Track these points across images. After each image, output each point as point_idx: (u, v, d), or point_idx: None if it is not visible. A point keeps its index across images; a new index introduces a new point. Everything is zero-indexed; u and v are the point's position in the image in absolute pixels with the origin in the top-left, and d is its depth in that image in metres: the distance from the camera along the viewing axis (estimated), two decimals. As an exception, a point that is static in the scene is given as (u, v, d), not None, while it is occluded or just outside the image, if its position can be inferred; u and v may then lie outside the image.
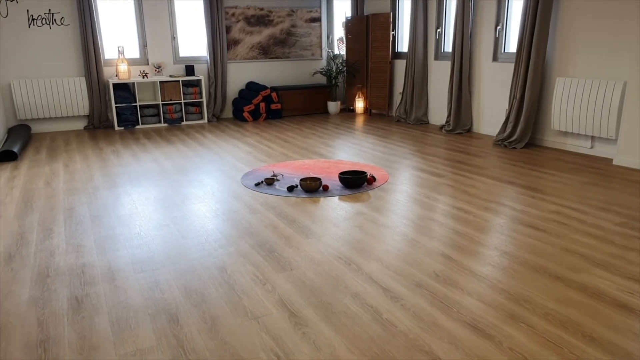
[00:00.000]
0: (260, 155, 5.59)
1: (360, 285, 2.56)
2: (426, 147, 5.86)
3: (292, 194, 4.13)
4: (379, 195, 4.07)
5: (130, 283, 2.63)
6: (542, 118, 5.67)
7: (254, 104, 7.89)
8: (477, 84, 6.47)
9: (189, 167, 5.07)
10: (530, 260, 2.81)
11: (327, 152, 5.68)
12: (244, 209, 3.77)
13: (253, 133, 6.94)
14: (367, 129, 7.14)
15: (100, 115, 7.39)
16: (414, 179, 4.53)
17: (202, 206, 3.85)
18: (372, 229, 3.32)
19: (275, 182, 4.49)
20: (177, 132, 7.06)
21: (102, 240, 3.21)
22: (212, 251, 3.02)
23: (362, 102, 8.52)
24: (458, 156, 5.35)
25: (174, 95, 7.64)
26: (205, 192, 4.23)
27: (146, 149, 5.97)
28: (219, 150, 5.88)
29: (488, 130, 6.45)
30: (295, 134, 6.86)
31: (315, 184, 4.13)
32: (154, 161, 5.36)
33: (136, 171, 4.95)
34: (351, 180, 4.20)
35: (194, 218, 3.60)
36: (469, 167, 4.90)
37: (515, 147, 5.61)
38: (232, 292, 2.52)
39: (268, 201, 3.96)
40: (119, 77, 7.26)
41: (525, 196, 3.96)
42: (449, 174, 4.67)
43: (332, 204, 3.86)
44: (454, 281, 2.59)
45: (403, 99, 7.60)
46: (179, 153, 5.74)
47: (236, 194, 4.17)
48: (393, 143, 6.11)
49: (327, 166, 5.01)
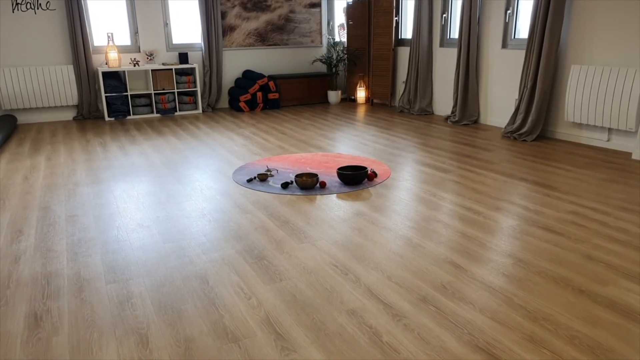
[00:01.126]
0: (255, 148, 5.28)
1: (358, 300, 2.26)
2: (431, 139, 5.53)
3: (286, 191, 3.83)
4: (380, 192, 3.76)
5: (99, 296, 2.34)
6: (554, 109, 5.33)
7: (250, 93, 7.55)
8: (485, 72, 6.12)
9: (178, 162, 4.77)
10: (549, 270, 2.51)
11: (326, 145, 5.36)
12: (233, 209, 3.47)
13: (249, 124, 6.62)
14: (369, 120, 6.81)
15: (89, 105, 7.07)
16: (418, 174, 4.21)
17: (188, 205, 3.55)
18: (372, 232, 3.02)
19: (269, 177, 4.18)
20: (170, 123, 6.75)
21: (74, 245, 2.92)
22: (194, 258, 2.73)
23: (364, 91, 8.17)
24: (465, 149, 5.03)
25: (167, 84, 7.31)
26: (193, 189, 3.93)
27: (135, 141, 5.66)
28: (212, 142, 5.56)
29: (496, 122, 6.11)
30: (293, 125, 6.54)
31: (311, 181, 3.83)
32: (141, 154, 5.06)
33: (122, 165, 4.65)
34: (350, 176, 3.89)
35: (178, 219, 3.30)
36: (477, 161, 4.58)
37: (526, 140, 5.28)
38: (212, 308, 2.23)
39: (260, 199, 3.66)
40: (109, 65, 6.93)
41: (539, 194, 3.64)
42: (455, 169, 4.35)
43: (330, 203, 3.55)
44: (464, 295, 2.29)
45: (406, 89, 7.26)
46: (169, 146, 5.43)
47: (226, 191, 3.86)
48: (396, 135, 5.79)
49: (326, 160, 4.70)
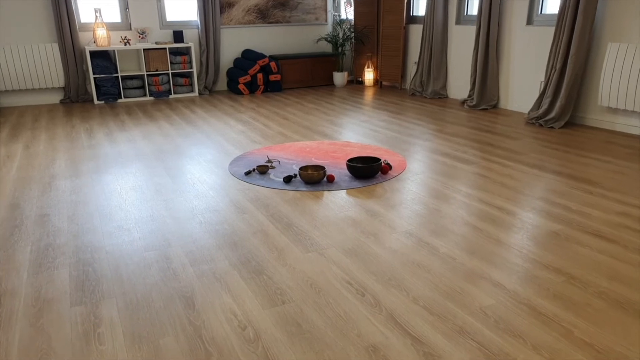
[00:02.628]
0: (254, 135, 4.81)
1: (379, 332, 1.82)
2: (448, 125, 5.05)
3: (289, 185, 3.37)
4: (396, 188, 3.30)
5: (60, 323, 1.90)
6: (586, 92, 4.83)
7: (250, 74, 7.05)
8: (507, 52, 5.60)
9: (170, 151, 4.30)
10: (610, 291, 2.06)
11: (332, 132, 4.89)
12: (228, 208, 3.01)
13: (248, 108, 6.14)
14: (378, 103, 6.31)
15: (77, 87, 6.58)
16: (437, 166, 3.74)
17: (177, 203, 3.10)
18: (390, 239, 2.56)
19: (270, 170, 3.72)
20: (163, 107, 6.26)
21: (40, 253, 2.47)
22: (179, 271, 2.28)
23: (372, 73, 7.65)
24: (486, 137, 4.55)
25: (160, 64, 6.80)
26: (184, 183, 3.47)
27: (124, 127, 5.19)
28: (208, 129, 5.09)
29: (518, 107, 5.61)
30: (296, 109, 6.05)
31: (317, 174, 3.36)
32: (130, 142, 4.59)
33: (107, 155, 4.19)
34: (362, 169, 3.43)
35: (164, 220, 2.84)
36: (502, 151, 4.10)
37: (553, 127, 4.79)
38: (197, 342, 1.78)
39: (259, 196, 3.20)
40: (97, 43, 6.42)
41: (579, 191, 3.18)
42: (479, 159, 3.88)
43: (339, 201, 3.09)
44: (510, 324, 1.84)
45: (419, 70, 6.74)
46: (160, 132, 4.96)
47: (221, 186, 3.41)
48: (409, 121, 5.30)
49: (333, 150, 4.23)
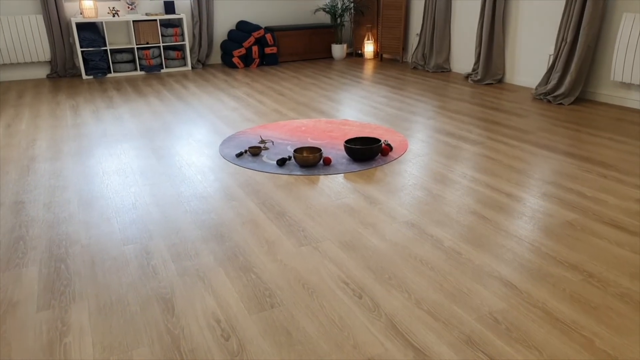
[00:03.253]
0: (247, 112, 4.56)
1: (378, 342, 1.63)
2: (451, 101, 4.80)
3: (283, 169, 3.15)
4: (397, 171, 3.08)
5: (24, 330, 1.71)
6: (598, 66, 4.56)
7: (245, 47, 6.74)
8: (514, 23, 5.30)
9: (158, 130, 4.07)
10: (632, 292, 1.86)
11: (329, 109, 4.64)
12: (216, 194, 2.80)
13: (243, 83, 5.87)
14: (379, 78, 6.04)
15: (64, 61, 6.29)
16: (441, 147, 3.52)
17: (162, 188, 2.88)
18: (390, 230, 2.36)
19: (263, 151, 3.49)
20: (154, 82, 5.99)
21: (9, 247, 2.27)
22: (159, 268, 2.08)
23: (372, 45, 7.34)
24: (492, 115, 4.31)
25: (151, 37, 6.49)
26: (171, 165, 3.25)
27: (112, 104, 4.94)
28: (199, 105, 4.84)
29: (524, 81, 5.35)
30: (293, 84, 5.78)
31: (313, 157, 3.14)
32: (116, 120, 4.35)
33: (91, 134, 3.96)
34: (361, 151, 3.20)
35: (147, 208, 2.64)
36: (509, 129, 3.87)
37: (562, 103, 4.55)
38: (175, 354, 1.60)
39: (250, 180, 2.99)
40: (84, 15, 6.11)
41: (594, 174, 2.96)
42: (485, 139, 3.65)
43: (336, 186, 2.88)
44: (524, 333, 1.65)
45: (421, 42, 6.44)
46: (149, 109, 4.71)
47: (210, 169, 3.19)
48: (410, 97, 5.05)
49: (330, 128, 4.00)
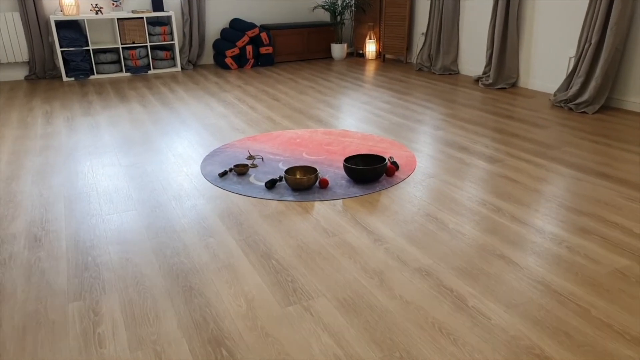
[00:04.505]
0: (237, 120, 4.12)
1: None
2: (462, 109, 4.36)
3: (272, 193, 2.72)
4: (405, 197, 2.65)
5: None
6: (625, 71, 4.12)
7: (238, 47, 6.30)
8: (529, 21, 4.85)
9: (135, 141, 3.63)
10: None
11: (328, 117, 4.20)
12: (191, 227, 2.37)
13: (235, 86, 5.43)
14: (381, 80, 5.60)
15: (43, 62, 5.86)
16: (454, 165, 3.08)
17: (127, 219, 2.45)
18: (401, 283, 1.93)
19: (251, 169, 3.06)
20: (139, 85, 5.55)
21: None
22: (105, 338, 1.65)
23: (374, 44, 6.90)
24: (509, 125, 3.87)
25: (138, 36, 6.05)
26: (142, 188, 2.82)
27: (90, 110, 4.50)
28: (185, 112, 4.40)
29: (541, 86, 4.90)
30: (289, 87, 5.34)
31: (307, 180, 2.71)
32: (92, 130, 3.92)
33: (60, 147, 3.52)
34: (363, 172, 2.77)
35: (104, 248, 2.20)
36: (529, 143, 3.44)
37: (586, 112, 4.11)
38: None
39: (233, 208, 2.56)
40: (64, 12, 5.66)
41: (638, 203, 2.53)
42: (503, 156, 3.22)
43: (334, 216, 2.45)
44: None
45: (427, 42, 5.99)
46: (130, 117, 4.28)
47: (188, 193, 2.75)
48: (416, 102, 4.61)
49: (328, 141, 3.56)
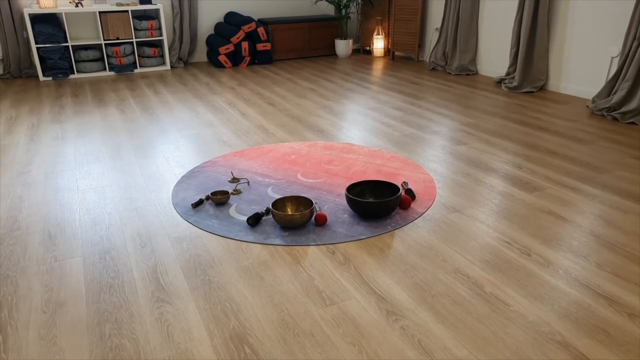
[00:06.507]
0: (225, 130, 3.56)
1: None
2: (485, 117, 3.77)
3: (256, 232, 2.15)
4: (425, 243, 2.08)
5: None
6: (677, 74, 3.51)
7: (233, 43, 5.73)
8: (562, 15, 4.24)
9: (100, 157, 3.07)
10: None
11: (329, 127, 3.63)
12: (143, 287, 1.80)
13: (227, 87, 4.86)
14: (391, 82, 5.01)
15: (18, 59, 5.31)
16: (484, 194, 2.50)
17: (64, 270, 1.88)
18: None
19: (233, 195, 2.49)
20: (122, 86, 5.00)
21: None
22: None
23: (383, 41, 6.30)
24: (544, 139, 3.28)
25: (122, 31, 5.49)
26: (95, 222, 2.26)
27: (60, 116, 3.95)
28: (168, 119, 3.84)
29: (575, 90, 4.29)
30: (287, 89, 4.77)
31: (300, 217, 2.13)
32: (54, 141, 3.37)
33: (10, 164, 2.97)
34: (372, 207, 2.19)
35: (18, 320, 1.65)
36: (572, 164, 2.85)
37: (634, 122, 3.51)
38: None
39: (203, 257, 1.99)
40: (40, 5, 5.11)
41: None
42: (544, 182, 2.63)
43: (332, 272, 1.87)
44: None
45: (441, 39, 5.39)
46: (103, 125, 3.73)
47: (149, 232, 2.19)
48: (431, 109, 4.02)
49: (329, 158, 2.98)
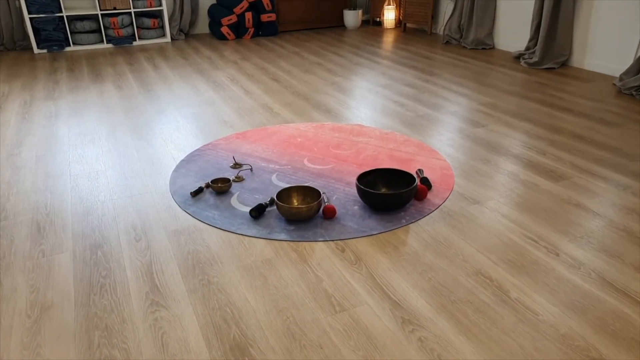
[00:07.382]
0: (227, 109, 3.35)
1: None
2: (504, 96, 3.54)
3: (259, 225, 1.98)
4: (443, 239, 1.89)
5: None
6: None
7: (236, 14, 5.46)
8: (587, -14, 3.97)
9: (95, 139, 2.89)
10: None
11: (337, 106, 3.41)
12: (137, 289, 1.64)
13: (230, 62, 4.63)
14: (402, 56, 4.75)
15: (11, 31, 5.08)
16: (506, 184, 2.30)
17: (51, 265, 1.72)
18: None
19: (235, 182, 2.31)
20: (120, 60, 4.77)
21: None
22: None
23: (394, 12, 6.00)
24: (568, 121, 3.06)
25: (119, 2, 5.23)
26: (87, 212, 2.09)
27: (54, 93, 3.76)
28: (167, 96, 3.64)
29: (600, 67, 4.04)
30: (293, 64, 4.53)
31: (307, 210, 1.95)
32: (46, 120, 3.18)
33: (1, 143, 2.80)
34: (385, 199, 2.01)
35: (2, 325, 1.49)
36: (601, 150, 2.63)
37: (664, 102, 3.28)
38: None
39: (203, 253, 1.82)
40: (32, -28, 4.86)
41: None
42: (570, 170, 2.43)
43: (342, 272, 1.70)
44: None
45: (456, 10, 5.10)
46: (98, 103, 3.53)
47: (145, 224, 2.02)
48: (446, 87, 3.79)
49: (337, 141, 2.79)
